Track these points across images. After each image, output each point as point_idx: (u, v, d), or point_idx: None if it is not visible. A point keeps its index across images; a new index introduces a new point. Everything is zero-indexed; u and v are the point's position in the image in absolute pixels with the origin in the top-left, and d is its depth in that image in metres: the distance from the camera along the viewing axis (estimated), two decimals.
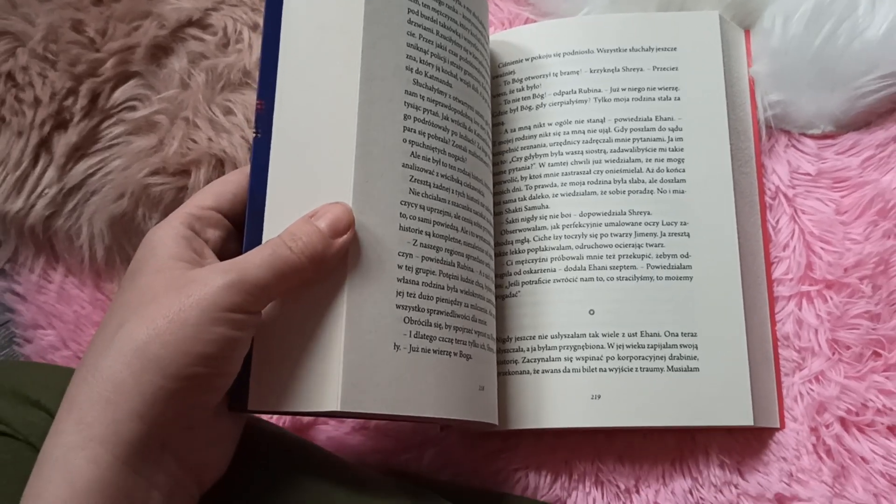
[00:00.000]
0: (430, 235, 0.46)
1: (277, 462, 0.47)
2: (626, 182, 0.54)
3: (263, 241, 0.44)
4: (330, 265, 0.42)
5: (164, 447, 0.38)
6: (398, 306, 0.44)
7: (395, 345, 0.44)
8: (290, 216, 0.43)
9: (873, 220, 0.55)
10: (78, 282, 0.66)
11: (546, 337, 0.53)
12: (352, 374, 0.42)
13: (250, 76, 0.62)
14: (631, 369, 0.52)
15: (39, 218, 0.63)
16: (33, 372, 0.50)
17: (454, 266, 0.47)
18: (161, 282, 0.40)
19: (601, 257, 0.53)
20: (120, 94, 0.62)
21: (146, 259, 0.42)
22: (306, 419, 0.60)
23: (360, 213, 0.44)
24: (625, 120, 0.55)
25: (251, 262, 0.40)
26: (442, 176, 0.47)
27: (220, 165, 0.61)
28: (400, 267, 0.45)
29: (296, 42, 0.47)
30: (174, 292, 0.38)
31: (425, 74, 0.48)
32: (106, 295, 0.66)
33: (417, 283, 0.45)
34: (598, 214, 0.54)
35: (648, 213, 0.54)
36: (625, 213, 0.54)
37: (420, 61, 0.48)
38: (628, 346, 0.52)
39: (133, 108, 0.63)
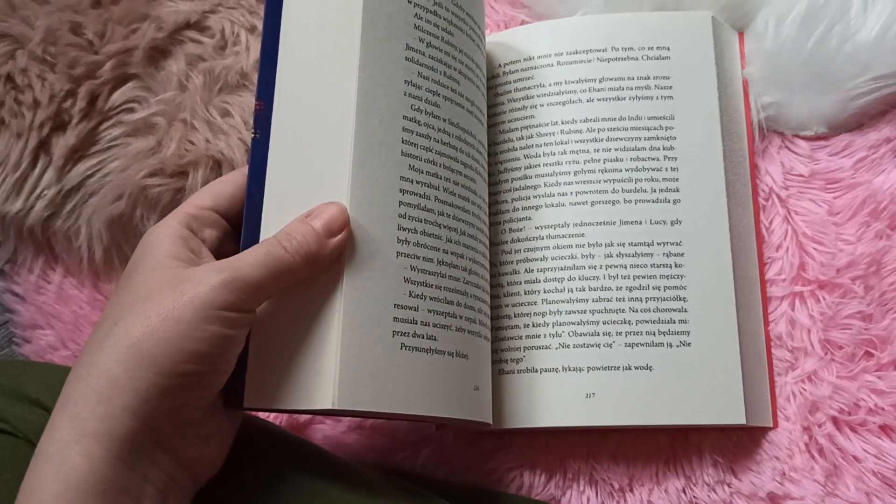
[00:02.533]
0: (426, 235, 0.46)
1: (273, 459, 0.48)
2: (619, 181, 0.55)
3: (261, 240, 0.44)
4: (325, 264, 0.43)
5: (158, 443, 0.39)
6: (396, 305, 0.44)
7: (392, 343, 0.44)
8: (287, 216, 0.44)
9: (865, 220, 0.55)
10: (76, 282, 0.66)
11: (540, 336, 0.53)
12: (347, 373, 0.42)
13: (248, 78, 0.63)
14: (625, 368, 0.52)
15: (38, 219, 0.64)
16: (32, 371, 0.51)
17: (450, 266, 0.47)
18: (156, 280, 0.40)
19: (593, 256, 0.54)
20: (118, 96, 0.63)
21: (143, 258, 0.42)
22: (303, 417, 0.60)
23: (358, 212, 0.44)
24: (617, 119, 0.56)
25: (245, 262, 0.40)
26: (439, 177, 0.48)
27: (217, 167, 0.62)
28: (398, 266, 0.45)
29: (295, 43, 0.47)
30: (169, 290, 0.39)
31: (423, 76, 0.48)
32: (104, 295, 0.66)
33: (414, 283, 0.45)
34: (592, 218, 0.54)
35: (641, 215, 0.54)
36: (617, 219, 0.54)
37: (418, 63, 0.48)
38: (621, 346, 0.52)
39: (131, 110, 0.63)
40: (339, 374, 0.42)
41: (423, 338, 0.45)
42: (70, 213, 0.64)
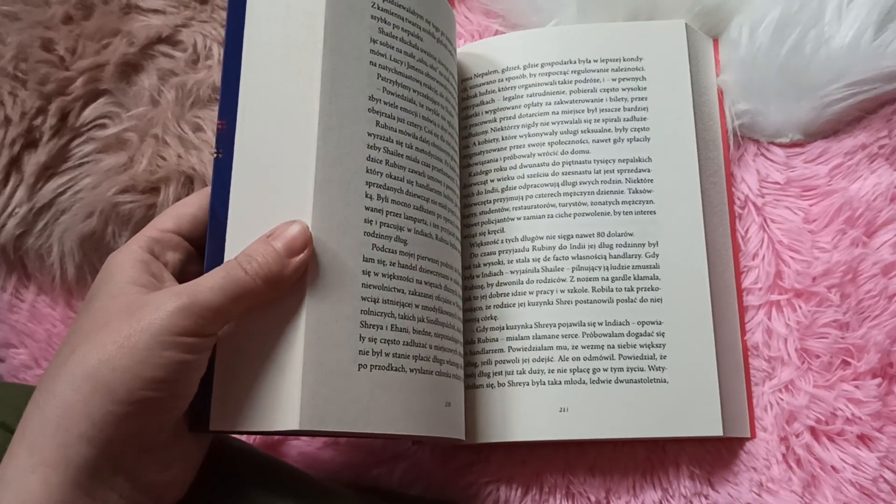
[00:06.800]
0: (393, 252, 0.46)
1: (243, 480, 0.47)
2: (594, 193, 0.54)
3: (225, 262, 0.43)
4: (287, 284, 0.42)
5: (117, 469, 0.38)
6: (361, 324, 0.44)
7: (357, 363, 0.43)
8: (252, 236, 0.43)
9: (841, 228, 0.55)
10: (49, 300, 0.66)
11: (513, 350, 0.53)
12: (312, 393, 0.42)
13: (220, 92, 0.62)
14: (599, 381, 0.52)
15: (10, 237, 0.63)
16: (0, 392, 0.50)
17: (420, 283, 0.47)
18: (115, 307, 0.40)
19: (566, 269, 0.53)
20: (90, 113, 0.62)
21: (103, 284, 0.42)
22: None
23: (322, 231, 0.44)
24: (591, 132, 0.55)
25: (204, 286, 0.40)
26: (406, 193, 0.47)
27: (189, 182, 0.61)
28: (364, 285, 0.44)
29: (257, 61, 0.47)
30: (126, 317, 0.38)
31: (388, 91, 0.48)
32: (77, 313, 0.65)
33: (381, 301, 0.45)
34: (565, 230, 0.54)
35: (617, 227, 0.54)
36: (593, 232, 0.54)
37: (383, 79, 0.48)
38: (596, 359, 0.52)
39: (103, 126, 0.62)
40: (304, 395, 0.41)
41: (390, 356, 0.45)
42: (42, 231, 0.63)
